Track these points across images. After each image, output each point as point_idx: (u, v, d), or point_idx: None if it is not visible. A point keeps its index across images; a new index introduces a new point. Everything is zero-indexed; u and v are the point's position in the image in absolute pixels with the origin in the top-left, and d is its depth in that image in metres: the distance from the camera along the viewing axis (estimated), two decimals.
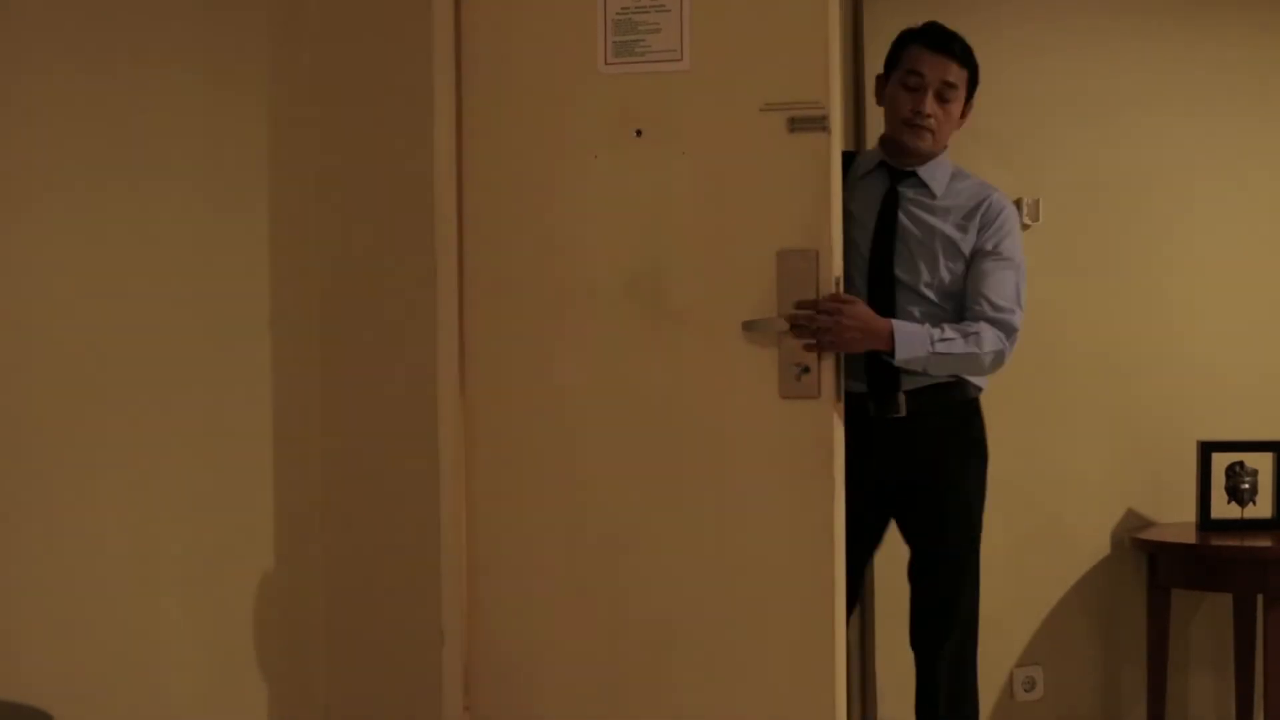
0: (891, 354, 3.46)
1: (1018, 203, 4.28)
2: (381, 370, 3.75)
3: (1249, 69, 4.53)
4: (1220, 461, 4.42)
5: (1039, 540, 4.34)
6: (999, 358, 3.56)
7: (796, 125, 3.64)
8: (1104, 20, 4.43)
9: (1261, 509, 4.44)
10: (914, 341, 3.47)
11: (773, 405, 3.57)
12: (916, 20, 3.74)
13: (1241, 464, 4.43)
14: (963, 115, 3.72)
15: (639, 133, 3.67)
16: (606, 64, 3.68)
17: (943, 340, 3.50)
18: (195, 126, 3.44)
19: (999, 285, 3.59)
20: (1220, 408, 4.49)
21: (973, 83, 3.73)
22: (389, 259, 3.75)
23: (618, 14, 3.70)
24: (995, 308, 3.57)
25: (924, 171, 3.70)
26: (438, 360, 3.68)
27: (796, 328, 3.36)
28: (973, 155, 3.72)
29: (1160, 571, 4.34)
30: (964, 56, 3.69)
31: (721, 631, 3.69)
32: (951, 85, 3.68)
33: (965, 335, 3.52)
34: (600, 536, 3.72)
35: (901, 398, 3.63)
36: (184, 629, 3.50)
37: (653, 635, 3.72)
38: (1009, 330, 3.57)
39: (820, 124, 3.63)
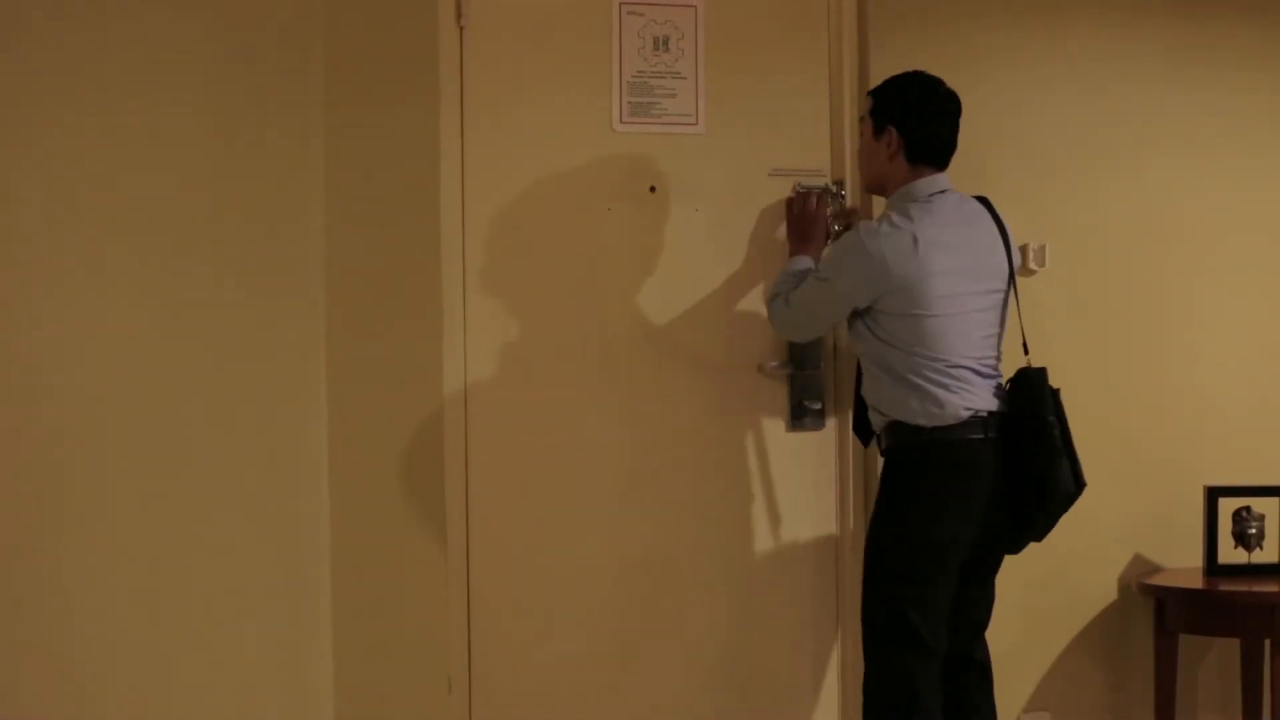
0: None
1: (1023, 248, 4.28)
2: (391, 425, 3.78)
3: (1262, 115, 4.54)
4: (1227, 506, 4.43)
5: (1046, 585, 4.34)
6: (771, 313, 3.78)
7: (802, 189, 3.96)
8: (1115, 65, 4.43)
9: (1269, 554, 4.45)
10: (793, 265, 3.77)
11: (782, 437, 3.96)
12: (925, 65, 3.74)
13: (1248, 509, 4.44)
14: (887, 145, 3.65)
15: (653, 189, 3.88)
16: (622, 123, 3.86)
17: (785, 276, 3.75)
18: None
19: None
20: (1227, 453, 4.49)
21: (877, 109, 3.68)
22: (401, 313, 3.78)
23: (633, 77, 3.87)
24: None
25: None
26: (443, 414, 3.75)
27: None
28: None
29: (1168, 617, 4.35)
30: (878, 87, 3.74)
31: (737, 655, 3.93)
32: (862, 119, 3.77)
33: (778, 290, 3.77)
34: (612, 574, 3.87)
35: (880, 437, 3.69)
36: (195, 675, 3.52)
37: (664, 660, 3.88)
38: (771, 298, 3.78)
39: (825, 189, 3.97)
